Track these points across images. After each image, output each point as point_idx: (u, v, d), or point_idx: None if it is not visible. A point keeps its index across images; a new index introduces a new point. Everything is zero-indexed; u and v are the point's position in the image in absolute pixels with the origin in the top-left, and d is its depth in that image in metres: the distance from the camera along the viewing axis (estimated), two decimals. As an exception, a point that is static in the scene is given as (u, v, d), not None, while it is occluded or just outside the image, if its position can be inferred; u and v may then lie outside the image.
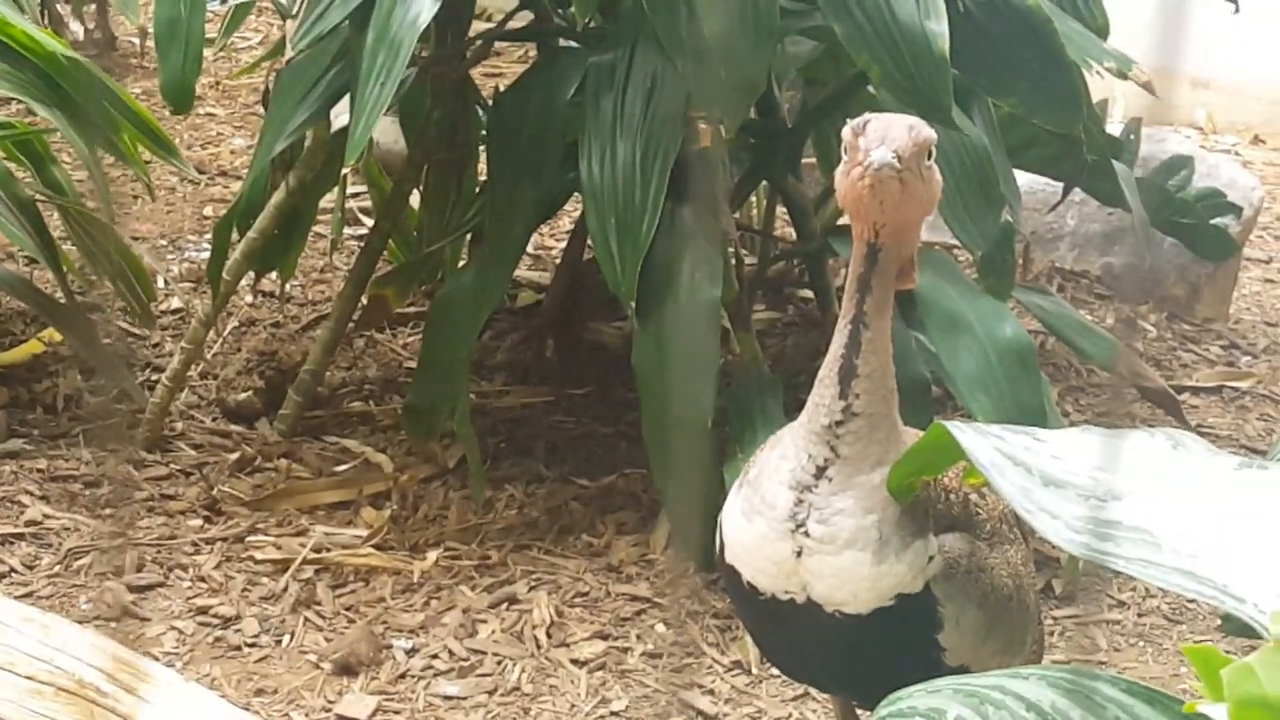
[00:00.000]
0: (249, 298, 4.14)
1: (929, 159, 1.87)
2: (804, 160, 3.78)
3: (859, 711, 2.23)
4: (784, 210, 3.78)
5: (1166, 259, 4.44)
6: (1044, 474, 1.68)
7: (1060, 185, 3.82)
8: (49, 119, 3.54)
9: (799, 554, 1.90)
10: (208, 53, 5.59)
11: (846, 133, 1.87)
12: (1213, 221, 4.26)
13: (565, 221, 4.46)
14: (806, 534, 1.89)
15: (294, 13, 3.10)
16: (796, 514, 1.89)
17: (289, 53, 3.09)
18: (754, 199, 4.15)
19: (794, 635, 1.98)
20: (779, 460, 1.92)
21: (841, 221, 4.07)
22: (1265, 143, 6.59)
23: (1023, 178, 4.19)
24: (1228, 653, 1.38)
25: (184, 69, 3.22)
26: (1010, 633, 2.02)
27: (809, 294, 3.98)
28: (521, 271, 4.34)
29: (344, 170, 2.93)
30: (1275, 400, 4.08)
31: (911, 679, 1.91)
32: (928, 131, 1.86)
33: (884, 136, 1.82)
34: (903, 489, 1.97)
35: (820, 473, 1.89)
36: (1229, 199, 4.35)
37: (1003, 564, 2.00)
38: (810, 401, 1.92)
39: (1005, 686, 1.62)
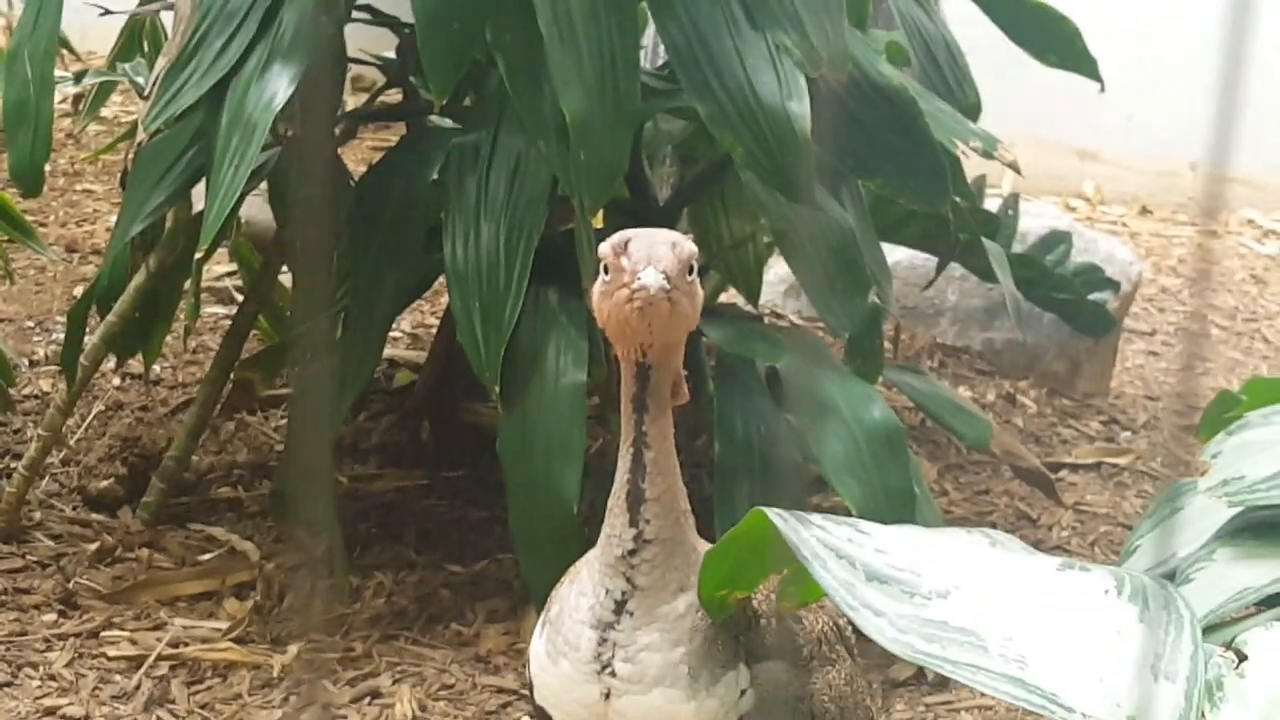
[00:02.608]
0: (115, 380, 4.04)
1: (690, 274, 1.81)
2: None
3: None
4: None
5: (1046, 334, 4.45)
6: (868, 568, 1.63)
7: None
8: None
9: (607, 695, 1.83)
10: (90, 128, 5.57)
11: (605, 250, 1.80)
12: (1091, 297, 4.27)
13: (443, 300, 4.40)
14: (613, 674, 1.82)
15: (147, 93, 3.03)
16: (601, 654, 1.82)
17: (140, 134, 3.02)
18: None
19: None
20: (578, 597, 1.85)
21: (720, 299, 4.06)
22: (1152, 214, 6.67)
23: (903, 253, 4.20)
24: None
25: (33, 151, 3.15)
26: None
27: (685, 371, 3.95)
28: (399, 351, 4.28)
29: (197, 255, 2.86)
30: (1153, 477, 4.08)
31: None
32: (690, 247, 1.81)
33: (649, 256, 1.75)
34: (715, 601, 1.89)
35: (620, 607, 1.81)
36: (1107, 274, 4.37)
37: (823, 688, 1.94)
38: (602, 533, 1.85)
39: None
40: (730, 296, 4.02)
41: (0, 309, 4.41)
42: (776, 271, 4.49)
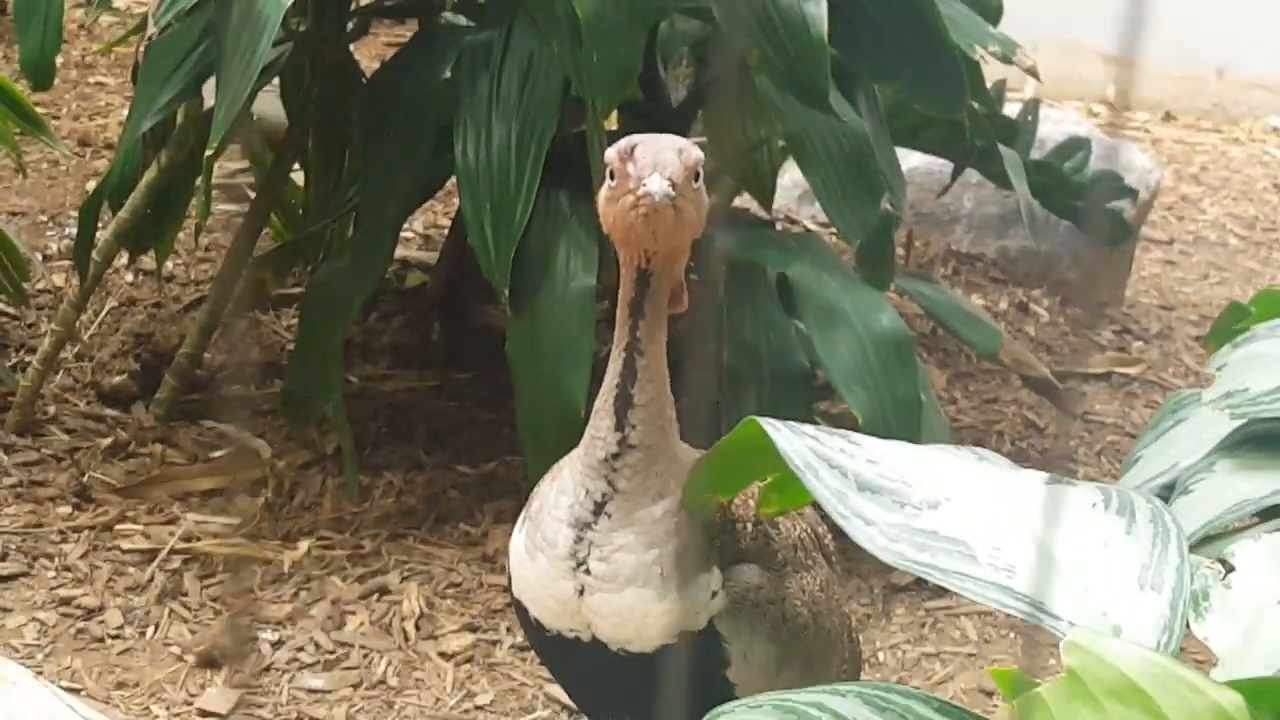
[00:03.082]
0: (128, 277, 4.05)
1: (697, 181, 1.81)
2: (693, 140, 3.74)
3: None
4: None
5: (1061, 242, 4.43)
6: (860, 479, 1.64)
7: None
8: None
9: (581, 592, 1.85)
10: (103, 19, 5.54)
11: (611, 156, 1.79)
12: (1108, 205, 4.24)
13: (456, 201, 4.39)
14: (588, 572, 1.84)
15: (159, -14, 3.01)
16: (577, 551, 1.84)
17: (151, 28, 3.01)
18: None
19: (585, 672, 1.94)
20: (558, 495, 1.87)
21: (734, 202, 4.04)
22: (1176, 120, 6.61)
23: (919, 159, 4.18)
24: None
25: (44, 43, 3.13)
26: (807, 662, 1.98)
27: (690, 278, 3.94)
28: (410, 252, 4.28)
29: (208, 153, 2.85)
30: (1164, 387, 4.08)
31: (703, 714, 1.90)
32: (696, 153, 1.80)
33: (655, 163, 1.74)
34: (699, 503, 1.91)
35: (599, 508, 1.83)
36: (1125, 182, 4.34)
37: (797, 593, 1.96)
38: (586, 434, 1.86)
39: (824, 703, 1.59)
40: (744, 201, 4.00)
41: (13, 203, 4.41)
42: (791, 176, 4.46)
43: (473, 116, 3.07)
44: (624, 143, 1.80)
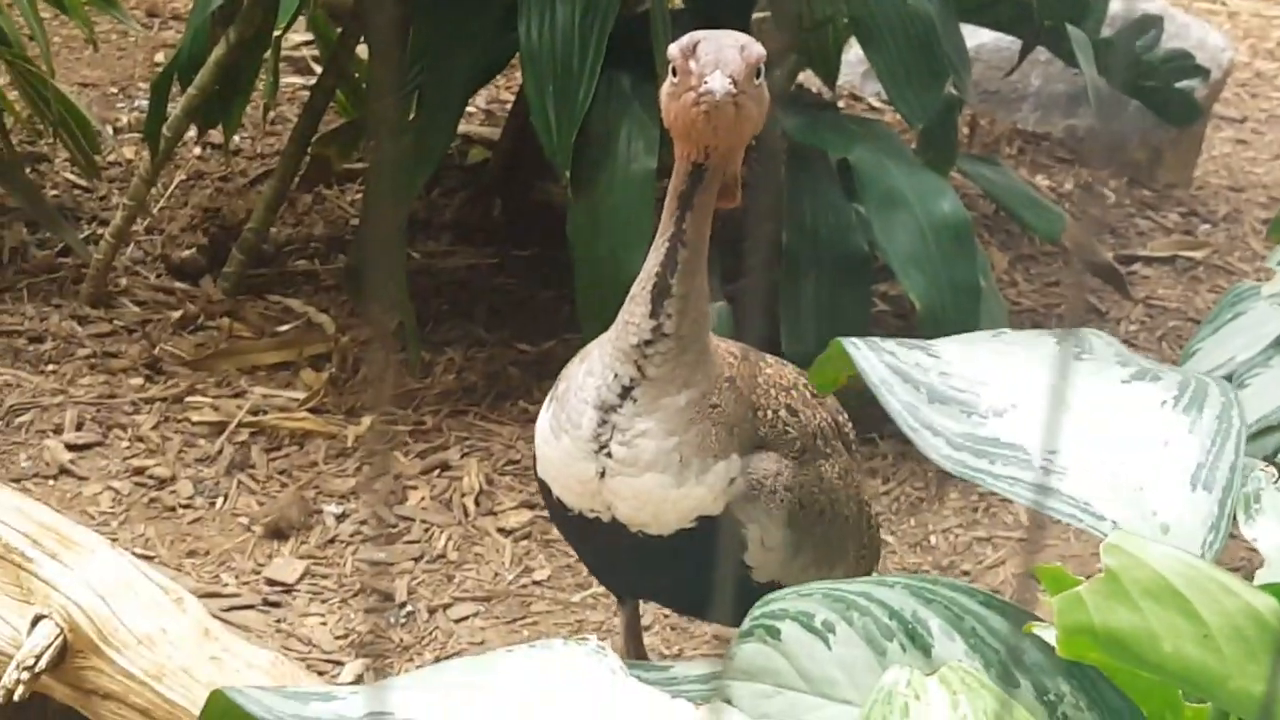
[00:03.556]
0: (196, 150, 4.09)
1: (758, 78, 1.81)
2: (756, 15, 3.71)
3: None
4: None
5: (1130, 123, 4.38)
6: (932, 390, 1.70)
7: (1023, 45, 3.77)
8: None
9: (602, 474, 1.88)
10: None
11: (674, 52, 1.79)
12: (1178, 85, 4.19)
13: (519, 76, 4.39)
14: (609, 455, 1.87)
15: None
16: (600, 434, 1.87)
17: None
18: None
19: (605, 551, 1.99)
20: (585, 376, 1.89)
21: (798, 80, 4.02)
22: (1255, -7, 6.47)
23: (987, 35, 4.13)
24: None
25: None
26: (824, 548, 2.02)
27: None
28: (473, 127, 4.29)
29: (276, 33, 2.87)
30: (1229, 271, 4.05)
31: (721, 595, 1.93)
32: (758, 49, 1.80)
33: (717, 60, 1.75)
34: (824, 383, 1.97)
35: (626, 393, 1.85)
36: (1197, 61, 4.27)
37: (814, 480, 1.99)
38: (619, 318, 1.88)
39: (871, 594, 1.63)
40: (807, 79, 3.98)
41: (84, 74, 4.45)
42: (856, 52, 4.42)
43: (536, -4, 3.07)
44: (686, 39, 1.81)
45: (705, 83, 1.75)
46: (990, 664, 1.53)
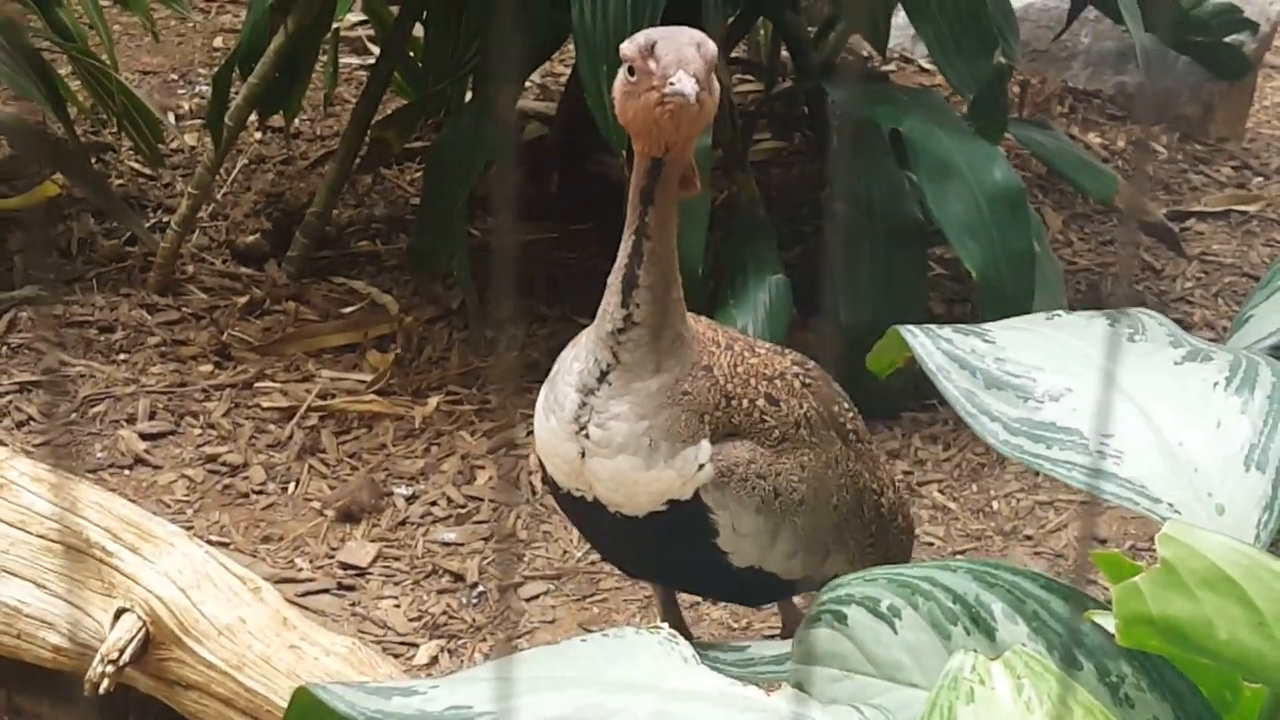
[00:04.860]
0: (257, 134, 4.16)
1: (714, 74, 1.84)
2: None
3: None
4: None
5: (1180, 77, 4.38)
6: (988, 376, 1.74)
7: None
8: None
9: (583, 455, 1.95)
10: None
11: (630, 51, 1.82)
12: (1227, 39, 4.18)
13: (573, 52, 4.43)
14: (587, 436, 1.94)
15: None
16: (580, 416, 1.93)
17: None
18: (761, 28, 4.11)
19: (594, 527, 2.06)
20: (572, 361, 1.96)
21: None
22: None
23: (1037, -6, 4.14)
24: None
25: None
26: (808, 537, 2.04)
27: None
28: (529, 103, 4.33)
29: (334, 25, 2.92)
30: (1284, 224, 4.06)
31: (702, 574, 2.05)
32: (711, 47, 1.83)
33: (679, 60, 1.78)
34: (881, 367, 2.01)
35: (603, 377, 1.91)
36: (1245, 15, 4.26)
37: (793, 469, 2.01)
38: (600, 307, 1.94)
39: (935, 578, 1.68)
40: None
41: (144, 62, 4.52)
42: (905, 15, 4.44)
43: (588, -21, 3.10)
44: (641, 38, 1.84)
45: (672, 84, 1.79)
46: (1052, 647, 1.57)
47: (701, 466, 1.95)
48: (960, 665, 1.47)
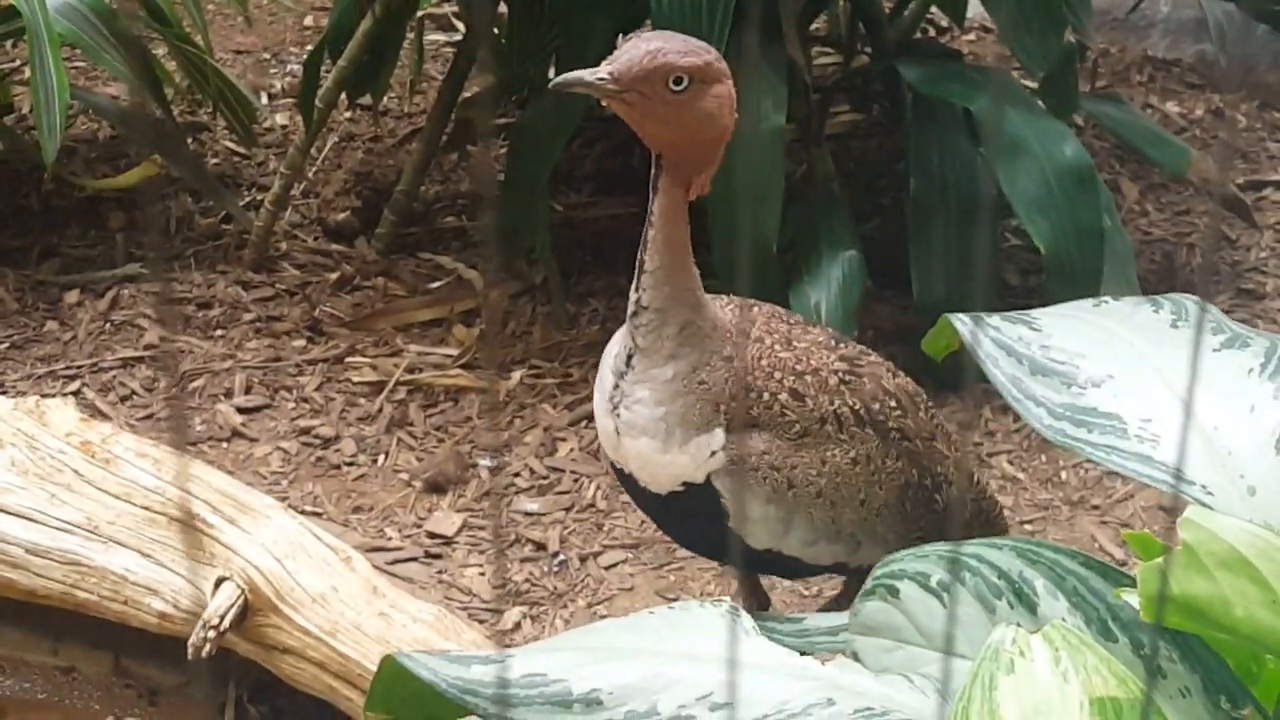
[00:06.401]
0: (346, 113, 4.28)
1: (679, 86, 1.90)
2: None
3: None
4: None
5: (1260, 45, 4.38)
6: (1033, 362, 1.82)
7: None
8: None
9: (618, 433, 2.04)
10: None
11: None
12: (1308, 6, 4.17)
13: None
14: (618, 416, 2.03)
15: None
16: (614, 397, 2.03)
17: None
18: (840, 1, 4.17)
19: (635, 498, 2.15)
20: (613, 344, 2.06)
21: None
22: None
23: (1116, -36, 4.15)
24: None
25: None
26: (828, 528, 2.09)
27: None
28: (610, 79, 4.41)
29: (420, 13, 3.02)
30: (1362, 193, 4.06)
31: (728, 550, 2.15)
32: (670, 60, 1.88)
33: (616, 55, 1.89)
34: (934, 350, 2.09)
35: (629, 361, 2.01)
36: (1327, -19, 4.25)
37: (812, 464, 2.06)
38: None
39: (982, 555, 1.77)
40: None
41: (238, 42, 4.66)
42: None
43: (664, -38, 3.18)
44: (634, 35, 1.95)
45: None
46: (1091, 620, 1.66)
47: (714, 454, 2.03)
48: (1002, 638, 1.56)
